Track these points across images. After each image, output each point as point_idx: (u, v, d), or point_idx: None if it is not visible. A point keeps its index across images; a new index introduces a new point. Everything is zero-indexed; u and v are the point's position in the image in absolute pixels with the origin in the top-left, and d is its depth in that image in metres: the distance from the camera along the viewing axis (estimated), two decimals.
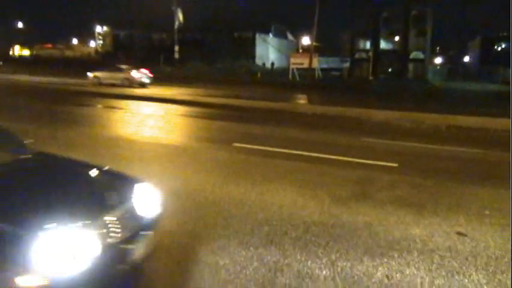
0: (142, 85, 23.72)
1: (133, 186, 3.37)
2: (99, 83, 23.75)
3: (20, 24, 68.59)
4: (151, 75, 25.14)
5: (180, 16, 37.18)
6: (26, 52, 68.65)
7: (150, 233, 3.17)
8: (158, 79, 27.08)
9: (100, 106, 15.11)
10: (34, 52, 67.00)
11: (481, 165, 7.80)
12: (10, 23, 67.69)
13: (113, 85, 22.94)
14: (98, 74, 24.40)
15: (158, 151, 7.95)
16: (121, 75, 23.97)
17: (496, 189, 6.06)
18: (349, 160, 7.56)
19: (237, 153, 7.85)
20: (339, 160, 7.57)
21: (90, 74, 24.66)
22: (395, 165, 7.36)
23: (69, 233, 2.56)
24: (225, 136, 9.81)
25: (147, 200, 3.31)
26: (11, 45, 67.99)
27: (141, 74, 24.50)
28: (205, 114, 14.19)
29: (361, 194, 5.60)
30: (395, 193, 5.73)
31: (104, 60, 46.43)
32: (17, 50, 69.55)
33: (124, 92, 19.53)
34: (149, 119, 12.43)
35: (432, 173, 7.02)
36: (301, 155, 7.85)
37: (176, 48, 37.07)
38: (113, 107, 14.86)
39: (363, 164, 7.34)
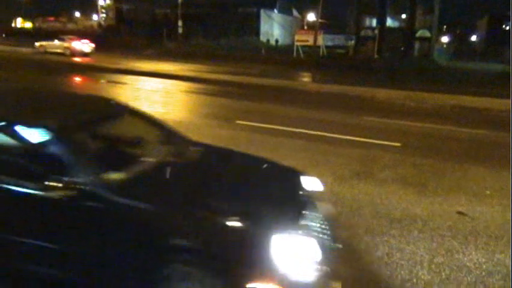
0: (84, 55, 25.02)
1: (300, 178, 3.20)
2: (44, 51, 25.23)
3: None
4: (92, 45, 26.52)
5: None
6: (28, 25, 67.98)
7: (335, 223, 2.95)
8: (161, 54, 26.93)
9: (103, 81, 15.06)
10: (36, 25, 66.35)
11: (483, 146, 7.79)
12: None
13: (58, 54, 24.51)
14: (43, 43, 26.00)
15: None
16: (64, 44, 25.41)
17: (497, 170, 6.06)
18: (352, 139, 7.55)
19: (240, 130, 7.85)
20: (341, 139, 7.56)
21: (36, 44, 26.23)
22: (398, 144, 7.36)
23: (299, 235, 2.33)
24: (228, 113, 9.77)
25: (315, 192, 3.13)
26: (13, 17, 67.31)
27: (82, 44, 25.90)
28: (207, 90, 14.11)
29: (363, 173, 5.61)
30: (397, 172, 5.75)
31: (107, 34, 45.98)
32: (19, 23, 68.88)
33: (126, 67, 19.43)
34: (150, 95, 12.39)
35: (435, 153, 7.01)
36: (304, 133, 7.84)
37: (180, 23, 36.62)
38: (117, 82, 14.81)
39: (365, 143, 7.34)
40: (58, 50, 25.02)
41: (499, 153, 7.06)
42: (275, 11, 58.42)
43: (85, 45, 25.95)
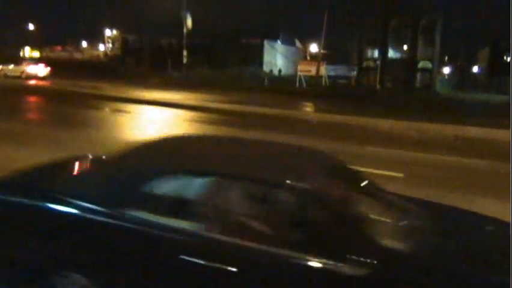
0: (38, 78, 26.61)
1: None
2: (5, 75, 26.75)
3: (31, 27, 69.29)
4: (47, 68, 28.23)
5: (189, 21, 37.37)
6: (35, 54, 69.29)
7: None
8: (166, 83, 27.24)
9: (107, 110, 15.20)
10: (44, 54, 67.63)
11: (487, 176, 7.74)
12: (21, 26, 68.43)
13: (16, 77, 25.92)
14: (4, 67, 27.55)
15: None
16: (20, 68, 27.20)
17: (502, 201, 5.99)
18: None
19: None
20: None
21: None
22: (401, 175, 7.31)
23: None
24: None
25: None
26: (21, 47, 68.67)
27: (37, 68, 27.65)
28: (210, 119, 14.22)
29: None
30: None
31: (113, 63, 46.77)
32: (27, 52, 70.24)
33: (131, 96, 19.64)
34: (153, 123, 12.47)
35: (438, 183, 6.96)
36: None
37: (185, 53, 37.21)
38: (121, 111, 14.94)
39: (368, 173, 7.28)
40: (15, 74, 26.70)
41: (503, 184, 7.00)
42: (278, 41, 59.45)
43: (40, 69, 27.82)
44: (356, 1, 47.39)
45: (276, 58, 58.82)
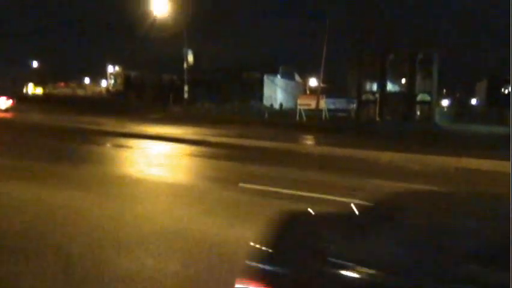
0: (1, 110, 28.35)
1: None
2: None
3: (35, 64, 70.63)
4: (9, 101, 30.10)
5: (190, 57, 38.15)
6: (39, 90, 70.28)
7: None
8: (167, 118, 27.44)
9: (109, 145, 15.25)
10: (47, 90, 68.62)
11: None
12: (26, 62, 69.78)
13: None
14: None
15: (164, 190, 7.94)
16: None
17: None
18: (357, 203, 7.46)
19: (243, 193, 7.81)
20: (347, 202, 7.47)
21: None
22: None
23: None
24: (231, 176, 9.79)
25: None
26: (25, 83, 69.78)
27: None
28: (211, 153, 14.24)
29: None
30: None
31: (114, 99, 47.35)
32: (31, 88, 71.27)
33: (132, 131, 19.75)
34: (155, 158, 12.49)
35: None
36: (308, 197, 7.77)
37: (186, 88, 37.77)
38: (123, 146, 14.99)
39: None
40: None
41: None
42: (278, 76, 60.43)
43: (1, 103, 29.52)
44: (354, 37, 48.51)
45: (276, 92, 59.60)
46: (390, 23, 43.63)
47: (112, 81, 67.42)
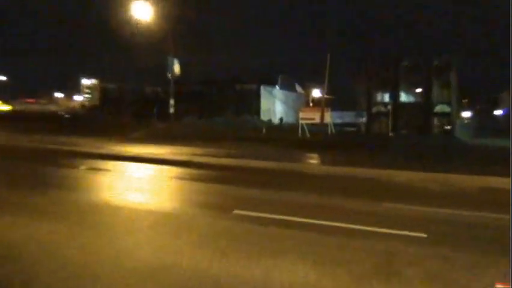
0: None
1: None
2: None
3: (1, 78, 70.88)
4: None
5: (176, 67, 38.30)
6: (6, 107, 70.34)
7: None
8: (150, 136, 27.36)
9: (82, 168, 15.16)
10: (16, 107, 68.71)
11: None
12: None
13: None
14: None
15: (147, 219, 7.83)
16: None
17: None
18: (369, 230, 7.40)
19: (239, 221, 7.72)
20: (358, 230, 7.41)
21: None
22: (424, 235, 7.19)
23: None
24: (225, 202, 9.71)
25: None
26: None
27: None
28: (201, 176, 14.17)
29: (385, 271, 5.41)
30: (425, 269, 5.54)
31: (90, 115, 47.38)
32: None
33: (110, 151, 19.68)
34: (137, 182, 12.40)
35: (467, 244, 6.83)
36: (314, 224, 7.69)
37: (172, 101, 37.81)
38: (100, 169, 14.89)
39: (386, 234, 7.18)
40: None
41: None
42: (277, 87, 60.70)
43: None
44: (362, 41, 49.05)
45: (275, 105, 59.82)
46: (402, 26, 44.17)
47: (88, 95, 67.64)
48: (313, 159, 21.01)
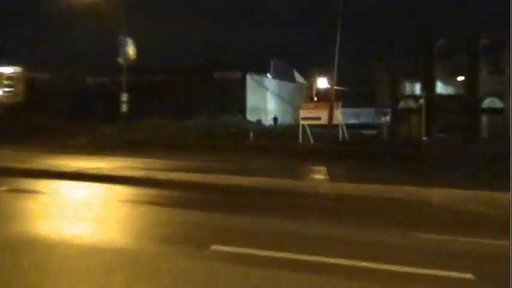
0: None
1: None
2: None
3: None
4: None
5: (131, 50, 38.20)
6: None
7: None
8: (95, 144, 27.21)
9: (3, 189, 15.04)
10: None
11: None
12: None
13: None
14: None
15: (92, 260, 7.80)
16: None
17: None
18: (399, 271, 7.44)
19: (218, 261, 7.72)
20: (383, 270, 7.44)
21: None
22: (470, 276, 7.25)
23: None
24: (199, 234, 9.71)
25: None
26: None
27: None
28: (164, 199, 14.18)
29: None
30: None
31: (12, 115, 46.86)
32: None
33: (40, 166, 19.55)
34: (76, 208, 12.32)
35: None
36: (322, 263, 7.71)
37: (124, 97, 37.65)
38: (25, 191, 14.80)
39: (422, 275, 7.22)
40: None
41: None
42: (269, 75, 60.62)
43: None
44: (385, 16, 49.38)
45: (266, 100, 59.78)
46: None
47: (11, 89, 67.07)
48: (319, 174, 21.07)
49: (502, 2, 43.71)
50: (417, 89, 47.62)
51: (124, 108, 37.83)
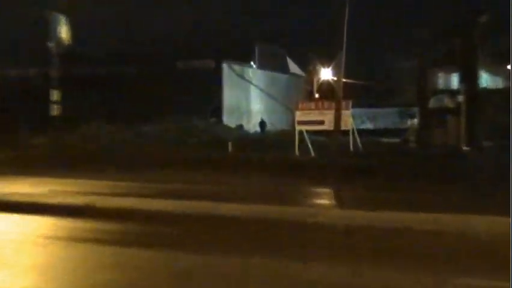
0: None
1: None
2: None
3: None
4: None
5: (64, 31, 38.05)
6: None
7: None
8: (16, 160, 27.05)
9: None
10: None
11: None
12: None
13: None
14: None
15: None
16: None
17: None
18: None
19: None
20: None
21: None
22: None
23: None
24: (159, 285, 9.61)
25: None
26: None
27: None
28: (113, 234, 14.18)
29: None
30: None
31: None
32: None
33: None
34: None
35: None
36: None
37: (55, 95, 37.41)
38: None
39: None
40: None
41: None
42: (253, 64, 60.59)
43: None
44: None
45: (250, 97, 59.80)
46: None
47: None
48: (324, 199, 21.10)
49: None
50: (455, 81, 47.87)
51: (55, 110, 37.52)
